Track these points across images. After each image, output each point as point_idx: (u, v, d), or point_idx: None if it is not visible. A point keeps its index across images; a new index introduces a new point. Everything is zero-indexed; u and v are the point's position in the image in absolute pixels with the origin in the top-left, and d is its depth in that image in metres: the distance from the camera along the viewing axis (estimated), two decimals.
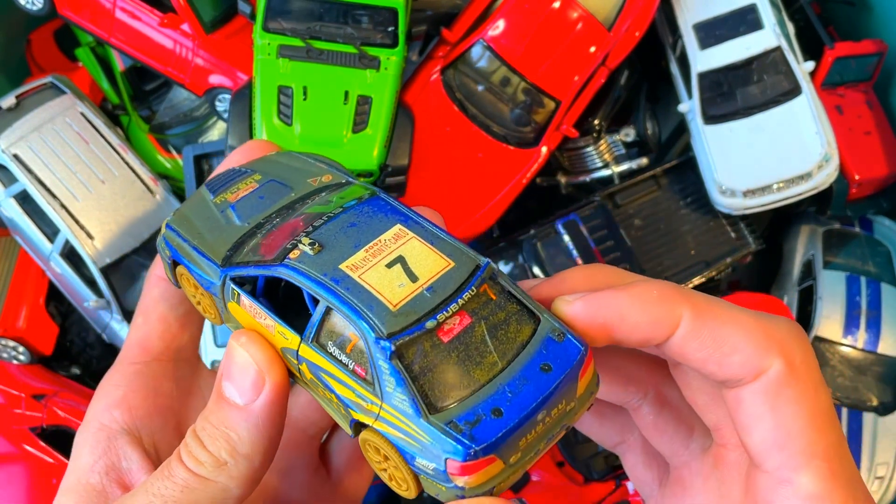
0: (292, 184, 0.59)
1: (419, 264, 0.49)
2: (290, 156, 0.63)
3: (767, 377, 0.49)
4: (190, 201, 0.62)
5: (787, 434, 0.49)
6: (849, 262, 1.60)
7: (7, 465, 1.43)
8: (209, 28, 1.48)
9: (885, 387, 1.50)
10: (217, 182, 0.61)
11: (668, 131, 1.76)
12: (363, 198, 0.55)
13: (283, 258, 0.51)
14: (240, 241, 0.56)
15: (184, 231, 0.58)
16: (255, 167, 0.62)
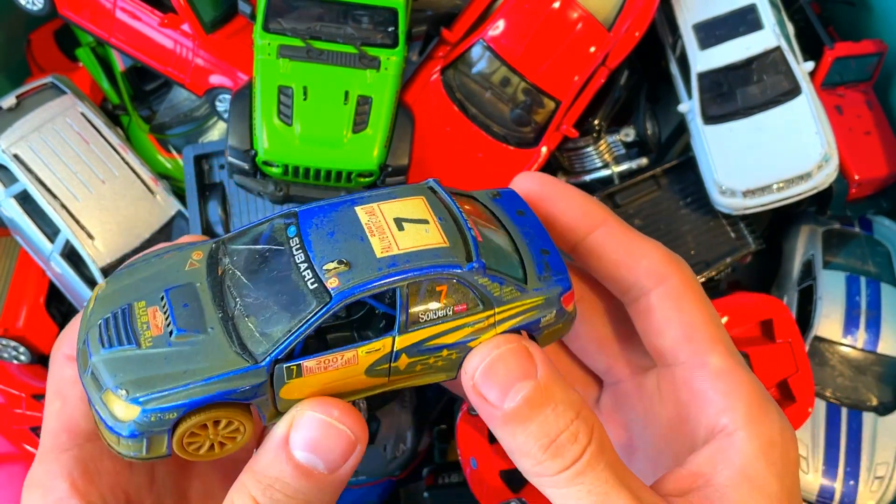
0: (183, 278, 0.56)
1: (409, 212, 0.56)
2: (131, 272, 0.58)
3: (670, 283, 0.60)
4: (101, 380, 0.55)
5: (692, 328, 0.58)
6: (848, 262, 1.60)
7: (7, 465, 1.43)
8: (209, 28, 1.48)
9: (885, 387, 1.50)
10: (109, 336, 0.54)
11: (668, 131, 1.76)
12: (289, 223, 0.56)
13: (326, 293, 0.52)
14: (234, 337, 0.53)
15: (168, 386, 0.52)
16: (120, 301, 0.56)
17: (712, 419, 0.56)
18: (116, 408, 0.51)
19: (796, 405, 1.42)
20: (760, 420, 0.55)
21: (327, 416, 0.52)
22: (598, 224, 0.62)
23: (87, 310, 0.56)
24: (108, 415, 0.52)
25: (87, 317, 0.56)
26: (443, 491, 1.49)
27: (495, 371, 0.52)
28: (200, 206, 1.50)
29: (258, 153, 1.33)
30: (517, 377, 0.52)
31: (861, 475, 1.44)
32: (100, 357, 0.52)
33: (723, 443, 0.55)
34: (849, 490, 1.44)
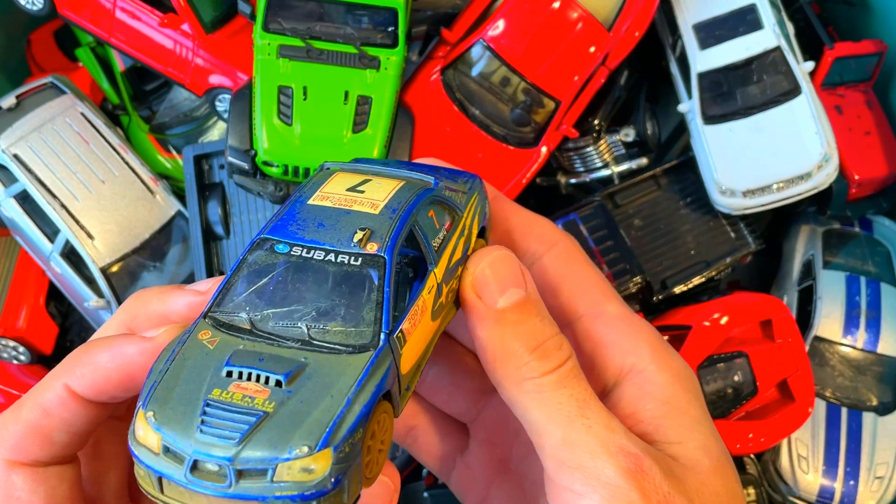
0: (222, 353, 0.51)
1: (348, 182, 0.59)
2: (164, 393, 0.50)
3: (559, 248, 0.64)
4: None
5: (585, 284, 0.62)
6: (848, 262, 1.60)
7: None
8: (209, 28, 1.48)
9: (885, 387, 1.50)
10: (225, 429, 0.48)
11: (668, 131, 1.76)
12: (268, 246, 0.55)
13: (376, 258, 0.53)
14: (336, 346, 0.50)
15: (332, 417, 0.47)
16: (189, 410, 0.49)
17: (619, 361, 0.59)
18: (308, 467, 0.46)
19: (796, 405, 1.42)
20: (664, 356, 0.59)
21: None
22: (491, 197, 0.66)
23: (155, 445, 0.49)
24: (302, 484, 0.46)
25: (173, 443, 0.48)
26: (442, 491, 1.48)
27: (495, 270, 0.55)
28: (200, 206, 1.50)
29: (258, 153, 1.33)
30: (512, 281, 0.55)
31: (861, 475, 1.44)
32: (245, 450, 0.46)
33: (636, 380, 0.58)
34: (849, 490, 1.44)
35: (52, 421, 0.55)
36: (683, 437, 0.55)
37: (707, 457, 0.55)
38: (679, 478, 0.52)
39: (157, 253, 1.57)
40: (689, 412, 0.57)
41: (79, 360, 0.56)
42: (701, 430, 0.56)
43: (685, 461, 0.54)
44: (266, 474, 0.46)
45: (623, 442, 0.51)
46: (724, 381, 1.44)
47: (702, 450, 0.55)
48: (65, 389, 0.55)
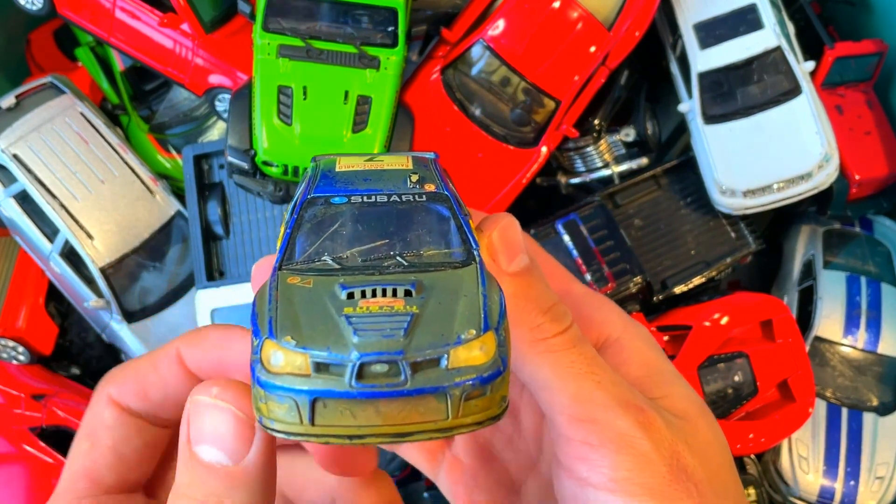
0: (329, 284, 0.49)
1: (354, 158, 0.58)
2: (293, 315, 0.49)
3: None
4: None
5: (551, 269, 0.62)
6: (849, 262, 1.60)
7: (7, 465, 1.43)
8: (209, 28, 1.47)
9: (885, 387, 1.50)
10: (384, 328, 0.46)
11: (668, 131, 1.76)
12: (322, 202, 0.54)
13: (441, 194, 0.53)
14: (444, 263, 0.50)
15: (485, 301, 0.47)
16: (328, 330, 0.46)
17: (594, 334, 0.61)
18: (480, 348, 0.44)
19: (796, 405, 1.42)
20: (631, 325, 0.62)
21: (207, 396, 0.47)
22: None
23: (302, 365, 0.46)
24: (478, 367, 0.44)
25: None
26: None
27: (505, 236, 0.55)
28: (200, 205, 1.50)
29: (258, 153, 1.33)
30: (519, 248, 0.55)
31: (861, 475, 1.44)
32: (414, 341, 0.44)
33: (614, 349, 0.61)
34: (849, 490, 1.43)
35: (102, 446, 0.54)
36: (668, 392, 0.59)
37: (692, 406, 0.59)
38: (676, 426, 0.56)
39: (156, 253, 1.57)
40: (666, 369, 0.60)
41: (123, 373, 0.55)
42: (680, 384, 0.60)
43: (675, 412, 0.58)
44: (439, 363, 0.44)
45: (630, 396, 0.54)
46: (725, 381, 1.44)
47: (686, 401, 0.59)
48: (110, 401, 0.55)
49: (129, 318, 1.54)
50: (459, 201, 0.54)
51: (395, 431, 0.44)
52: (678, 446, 0.54)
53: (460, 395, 0.44)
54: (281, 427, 0.44)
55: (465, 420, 0.45)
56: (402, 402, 0.43)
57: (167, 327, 1.57)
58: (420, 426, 0.44)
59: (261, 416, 0.44)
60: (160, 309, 1.57)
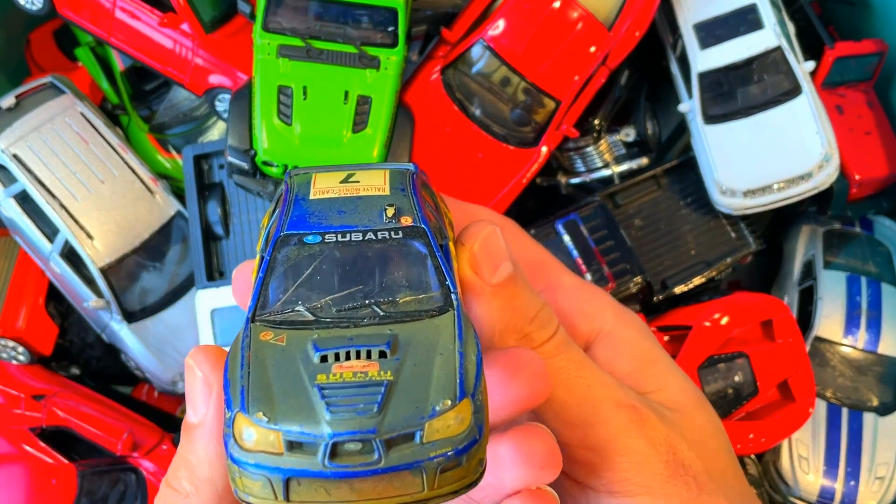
0: (300, 343, 0.47)
1: (330, 179, 0.57)
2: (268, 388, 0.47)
3: (510, 229, 0.64)
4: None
5: (540, 261, 0.64)
6: (849, 262, 1.59)
7: (6, 466, 1.43)
8: (209, 28, 1.47)
9: (886, 387, 1.50)
10: (354, 406, 0.44)
11: (668, 131, 1.75)
12: (296, 240, 0.52)
13: (418, 229, 0.51)
14: (427, 314, 0.48)
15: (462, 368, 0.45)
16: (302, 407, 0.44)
17: (587, 326, 0.61)
18: (455, 419, 0.43)
19: (797, 405, 1.42)
20: (624, 315, 0.62)
21: (188, 357, 0.50)
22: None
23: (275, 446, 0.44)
24: (453, 438, 0.43)
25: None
26: None
27: (487, 247, 0.54)
28: (200, 205, 1.50)
29: (258, 153, 1.33)
30: (501, 256, 0.54)
31: (862, 476, 1.44)
32: (387, 417, 0.43)
33: (606, 341, 0.61)
34: (849, 490, 1.43)
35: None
36: (662, 384, 0.59)
37: (687, 397, 0.59)
38: (670, 420, 0.56)
39: (156, 253, 1.57)
40: (660, 360, 0.60)
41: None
42: (675, 374, 0.60)
43: (670, 404, 0.58)
44: (414, 437, 0.43)
45: (620, 395, 0.54)
46: (725, 381, 1.44)
47: (681, 391, 0.59)
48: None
49: (128, 318, 1.54)
50: (438, 230, 0.53)
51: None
52: (674, 440, 0.54)
53: (436, 468, 0.43)
54: (256, 502, 0.43)
55: (441, 491, 0.44)
56: (376, 479, 0.43)
57: (167, 327, 1.57)
58: (395, 500, 0.44)
59: (236, 488, 0.44)
60: (160, 309, 1.57)
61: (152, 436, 1.50)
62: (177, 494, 0.48)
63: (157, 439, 1.50)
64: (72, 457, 1.46)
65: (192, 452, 0.49)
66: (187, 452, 0.49)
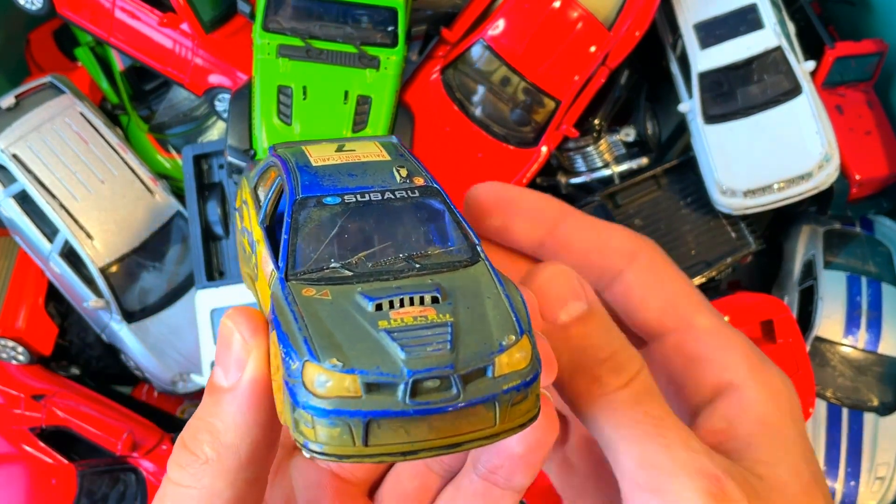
0: (349, 296, 0.48)
1: (324, 147, 0.58)
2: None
3: (642, 258, 0.59)
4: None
5: (674, 295, 0.59)
6: (849, 262, 1.59)
7: (6, 466, 1.43)
8: (209, 28, 1.47)
9: (886, 387, 1.50)
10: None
11: (668, 131, 1.75)
12: (314, 203, 0.52)
13: (431, 188, 0.53)
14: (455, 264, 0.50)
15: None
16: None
17: (715, 378, 0.56)
18: (520, 353, 0.45)
19: None
20: (761, 371, 0.56)
21: (224, 316, 0.48)
22: (559, 218, 0.61)
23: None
24: (521, 371, 0.44)
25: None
26: None
27: (552, 286, 0.52)
28: (199, 205, 1.50)
29: (257, 153, 1.33)
30: (571, 295, 0.52)
31: (862, 476, 1.44)
32: (461, 354, 0.44)
33: (732, 397, 0.55)
34: (849, 490, 1.43)
35: None
36: (774, 458, 0.53)
37: (797, 480, 0.52)
38: (764, 499, 0.50)
39: (156, 253, 1.57)
40: (783, 432, 0.54)
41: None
42: (793, 452, 0.54)
43: (773, 482, 0.51)
44: (486, 372, 0.44)
45: (703, 462, 0.48)
46: None
47: (792, 472, 0.52)
48: None
49: (128, 318, 1.54)
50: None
51: (446, 444, 0.44)
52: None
53: (507, 401, 0.44)
54: (331, 450, 0.43)
55: (509, 425, 0.45)
56: (453, 416, 0.43)
57: (167, 327, 1.57)
58: (469, 436, 0.44)
59: (305, 440, 0.43)
60: (160, 309, 1.57)
61: (152, 436, 1.50)
62: (195, 459, 0.46)
63: (157, 439, 1.50)
64: (72, 457, 1.46)
65: (218, 417, 0.47)
66: (211, 416, 0.47)
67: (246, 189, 0.60)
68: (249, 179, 0.60)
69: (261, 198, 0.56)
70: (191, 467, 0.46)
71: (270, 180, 0.56)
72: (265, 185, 0.56)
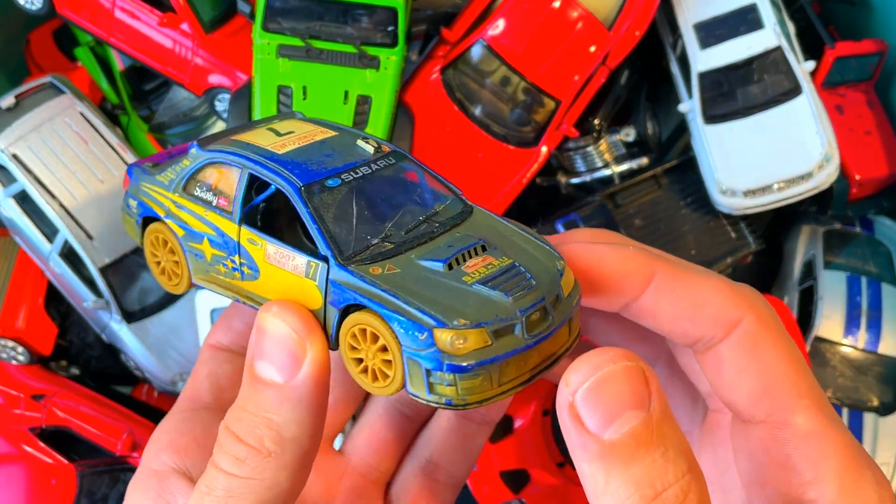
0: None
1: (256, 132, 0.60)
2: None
3: (742, 329, 0.51)
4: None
5: (773, 380, 0.50)
6: (849, 262, 1.59)
7: (6, 466, 1.43)
8: (208, 28, 1.47)
9: (886, 387, 1.50)
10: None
11: (668, 131, 1.75)
12: (318, 187, 0.55)
13: (395, 154, 0.57)
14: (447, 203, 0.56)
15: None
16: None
17: (797, 490, 0.49)
18: (568, 278, 0.52)
19: None
20: (855, 493, 0.48)
21: (269, 313, 0.49)
22: (648, 279, 0.52)
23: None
24: (574, 291, 0.52)
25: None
26: None
27: (603, 391, 0.42)
28: None
29: None
30: (628, 404, 0.42)
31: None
32: (541, 284, 0.50)
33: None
34: None
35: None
36: None
37: None
38: None
39: None
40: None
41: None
42: None
43: None
44: (559, 297, 0.50)
45: None
46: None
47: None
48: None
49: (128, 318, 1.54)
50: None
51: (546, 364, 0.50)
52: None
53: (574, 317, 0.52)
54: (476, 398, 0.47)
55: (574, 335, 0.52)
56: (553, 338, 0.50)
57: (167, 327, 1.57)
58: (558, 353, 0.51)
59: (447, 398, 0.47)
60: (160, 309, 1.57)
61: None
62: (256, 453, 0.48)
63: None
64: (72, 457, 1.46)
65: (277, 412, 0.48)
66: (268, 412, 0.48)
67: (163, 194, 0.59)
68: (166, 184, 0.59)
69: (208, 198, 0.56)
70: (251, 460, 0.47)
71: (219, 178, 0.56)
72: (213, 183, 0.56)
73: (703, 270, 0.54)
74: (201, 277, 0.58)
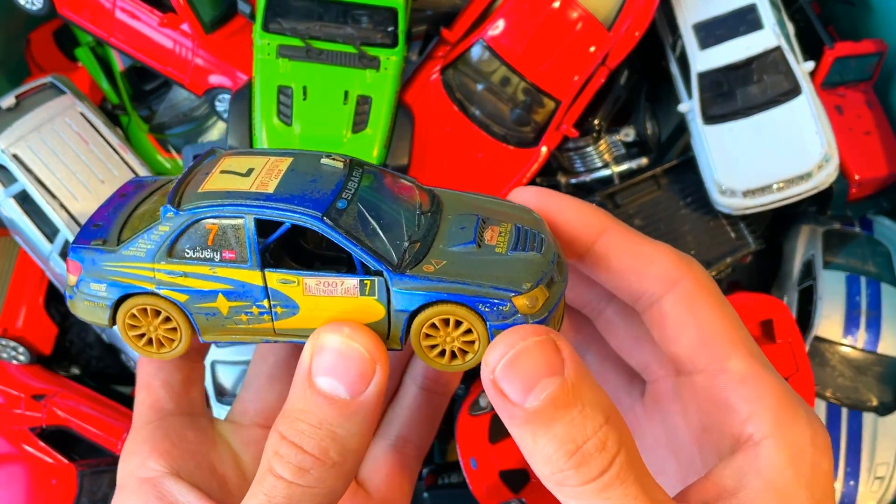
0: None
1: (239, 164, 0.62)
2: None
3: (682, 286, 0.57)
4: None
5: (710, 332, 0.56)
6: (849, 262, 1.60)
7: (6, 466, 1.43)
8: (209, 28, 1.47)
9: (885, 387, 1.50)
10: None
11: (668, 131, 1.76)
12: (353, 209, 0.59)
13: (359, 166, 0.61)
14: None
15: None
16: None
17: (736, 428, 0.53)
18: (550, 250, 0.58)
19: None
20: (788, 427, 0.53)
21: (339, 334, 0.52)
22: (600, 232, 0.59)
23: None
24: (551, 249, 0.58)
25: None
26: (442, 491, 1.48)
27: (518, 365, 0.48)
28: None
29: None
30: (543, 373, 0.47)
31: (861, 476, 1.44)
32: (547, 243, 0.58)
33: (749, 453, 0.52)
34: (849, 490, 1.43)
35: None
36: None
37: None
38: None
39: None
40: (795, 499, 0.51)
41: None
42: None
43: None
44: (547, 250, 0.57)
45: None
46: None
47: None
48: None
49: None
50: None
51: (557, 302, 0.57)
52: None
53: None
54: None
55: (563, 275, 0.59)
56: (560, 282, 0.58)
57: None
58: (563, 290, 0.58)
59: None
60: None
61: None
62: (321, 463, 0.50)
63: None
64: (72, 457, 1.46)
65: (342, 426, 0.51)
66: (332, 424, 0.51)
67: (142, 267, 0.57)
68: (142, 257, 0.56)
69: (207, 256, 0.56)
70: (315, 470, 0.50)
71: (213, 233, 0.56)
72: (207, 240, 0.56)
73: (651, 238, 0.60)
74: (214, 334, 0.58)
